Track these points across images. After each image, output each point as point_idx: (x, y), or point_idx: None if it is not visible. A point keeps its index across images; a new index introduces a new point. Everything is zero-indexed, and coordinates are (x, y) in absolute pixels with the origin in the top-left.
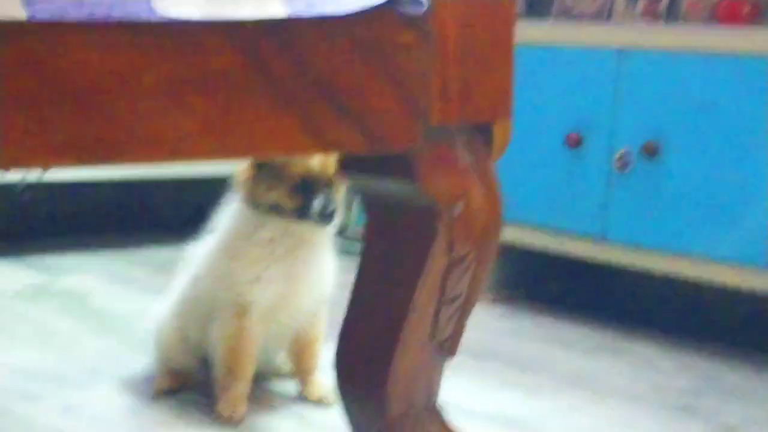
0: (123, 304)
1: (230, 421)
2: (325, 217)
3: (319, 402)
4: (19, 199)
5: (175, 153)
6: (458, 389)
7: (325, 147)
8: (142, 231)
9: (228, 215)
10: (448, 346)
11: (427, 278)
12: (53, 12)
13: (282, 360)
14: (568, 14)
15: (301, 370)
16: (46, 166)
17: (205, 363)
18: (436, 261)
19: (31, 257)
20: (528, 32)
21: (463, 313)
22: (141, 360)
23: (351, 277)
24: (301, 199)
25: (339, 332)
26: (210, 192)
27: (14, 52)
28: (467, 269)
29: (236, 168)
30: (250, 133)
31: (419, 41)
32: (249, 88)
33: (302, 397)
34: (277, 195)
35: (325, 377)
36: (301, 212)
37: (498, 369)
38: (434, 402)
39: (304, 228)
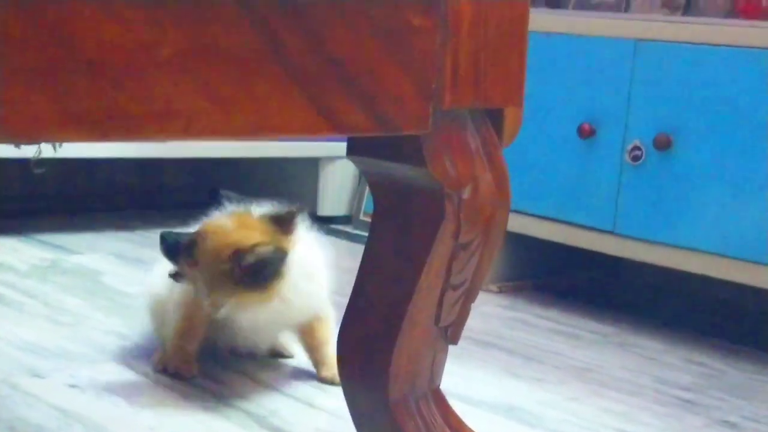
0: (133, 283)
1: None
2: None
3: (332, 382)
4: (33, 171)
5: (187, 130)
6: (462, 377)
7: (335, 129)
8: (154, 211)
9: None
10: (451, 333)
11: (433, 262)
12: None
13: (285, 341)
14: (587, 4)
15: (309, 349)
16: (57, 139)
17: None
18: (443, 245)
19: (42, 235)
20: (546, 21)
21: (467, 299)
22: (148, 339)
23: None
24: None
25: (343, 315)
26: (222, 173)
27: (30, 21)
28: (473, 255)
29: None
30: (261, 111)
31: (433, 24)
32: (262, 65)
33: (312, 381)
34: None
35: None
36: None
37: (502, 358)
38: (436, 387)
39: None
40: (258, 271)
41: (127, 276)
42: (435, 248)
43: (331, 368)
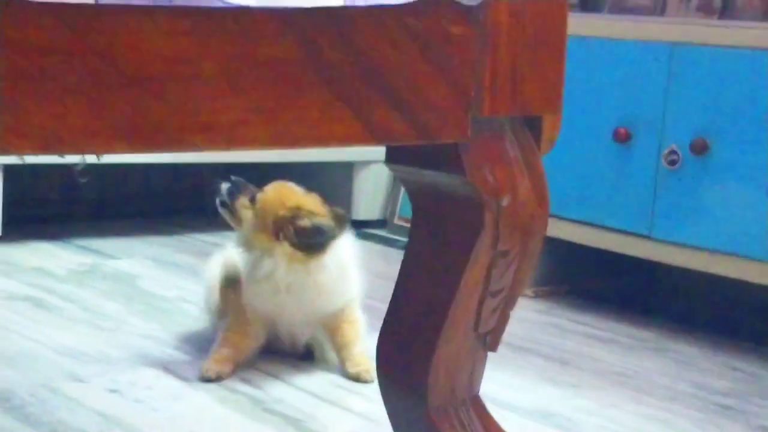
0: (170, 288)
1: (204, 376)
2: None
3: (356, 379)
4: (78, 180)
5: (230, 140)
6: (498, 383)
7: (376, 138)
8: (191, 216)
9: None
10: (489, 340)
11: (472, 270)
12: None
13: (319, 340)
14: (622, 7)
15: (338, 347)
16: (102, 151)
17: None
18: (482, 253)
19: (81, 240)
20: (581, 25)
21: (506, 306)
22: (186, 343)
23: (395, 268)
24: None
25: (383, 321)
26: (259, 178)
27: (74, 35)
28: (512, 262)
29: None
30: (303, 122)
31: (472, 32)
32: (303, 76)
33: (349, 386)
34: None
35: (365, 355)
36: None
37: (538, 364)
38: (475, 393)
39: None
40: (307, 235)
41: (163, 280)
42: (474, 256)
43: (357, 365)
